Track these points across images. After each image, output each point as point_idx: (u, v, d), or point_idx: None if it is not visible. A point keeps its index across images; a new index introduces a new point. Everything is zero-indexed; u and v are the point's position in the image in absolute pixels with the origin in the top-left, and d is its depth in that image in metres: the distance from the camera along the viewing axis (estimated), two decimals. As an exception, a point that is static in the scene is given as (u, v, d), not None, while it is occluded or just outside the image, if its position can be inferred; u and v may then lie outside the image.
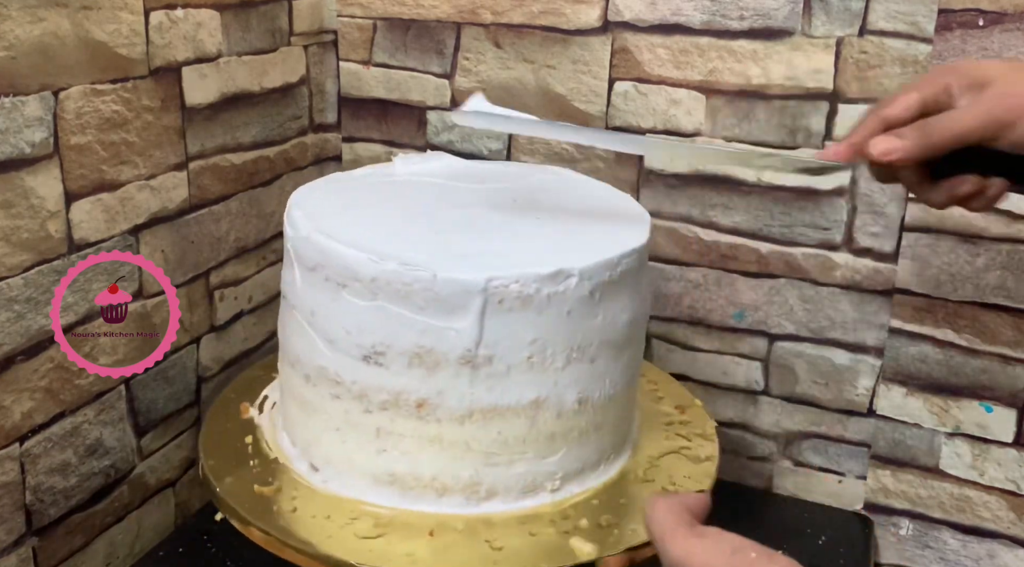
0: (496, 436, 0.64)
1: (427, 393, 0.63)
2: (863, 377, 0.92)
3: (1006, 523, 0.90)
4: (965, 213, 0.84)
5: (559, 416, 0.65)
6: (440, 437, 0.64)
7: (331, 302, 0.64)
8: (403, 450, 0.65)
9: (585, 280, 0.63)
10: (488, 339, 0.61)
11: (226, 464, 0.70)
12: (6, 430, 0.71)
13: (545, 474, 0.67)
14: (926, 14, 0.82)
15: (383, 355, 0.63)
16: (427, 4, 0.98)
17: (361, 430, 0.65)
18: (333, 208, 0.71)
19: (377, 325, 0.62)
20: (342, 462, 0.67)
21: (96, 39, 0.73)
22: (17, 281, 0.69)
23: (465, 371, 0.62)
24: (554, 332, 0.63)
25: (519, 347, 0.62)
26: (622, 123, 0.94)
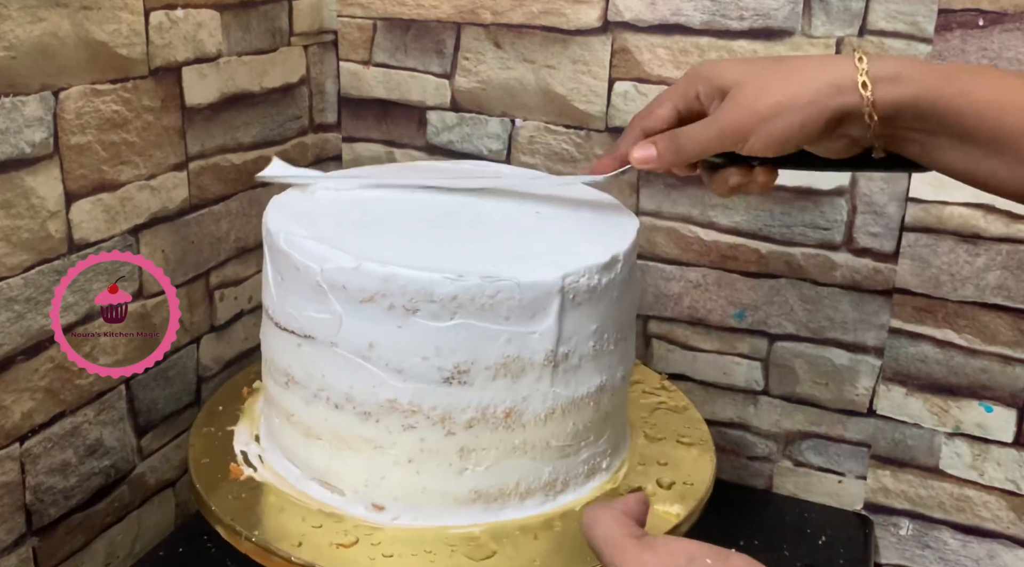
0: (571, 428, 0.66)
1: (513, 401, 0.63)
2: (863, 377, 0.92)
3: (1006, 523, 0.90)
4: (965, 213, 0.84)
5: (613, 395, 0.68)
6: (524, 442, 0.64)
7: (398, 330, 0.61)
8: (488, 464, 0.64)
9: (626, 263, 0.66)
10: (565, 335, 0.63)
11: (275, 534, 0.64)
12: (6, 430, 0.71)
13: (601, 454, 0.69)
14: (926, 14, 0.82)
15: (467, 373, 0.61)
16: (427, 4, 0.98)
17: (441, 455, 0.63)
18: (337, 231, 0.66)
19: (459, 343, 0.61)
20: (416, 493, 0.64)
21: (96, 39, 0.73)
22: (17, 281, 0.70)
23: (547, 372, 0.63)
24: (610, 317, 0.65)
25: (587, 338, 0.64)
26: (622, 123, 0.94)
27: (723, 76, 0.62)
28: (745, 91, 0.60)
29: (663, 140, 0.65)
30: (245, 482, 0.69)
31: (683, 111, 0.65)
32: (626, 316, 0.69)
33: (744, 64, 0.64)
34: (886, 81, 0.56)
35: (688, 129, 0.63)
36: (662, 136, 0.65)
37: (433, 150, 1.02)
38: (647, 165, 0.65)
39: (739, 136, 0.60)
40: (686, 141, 0.63)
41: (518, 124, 0.98)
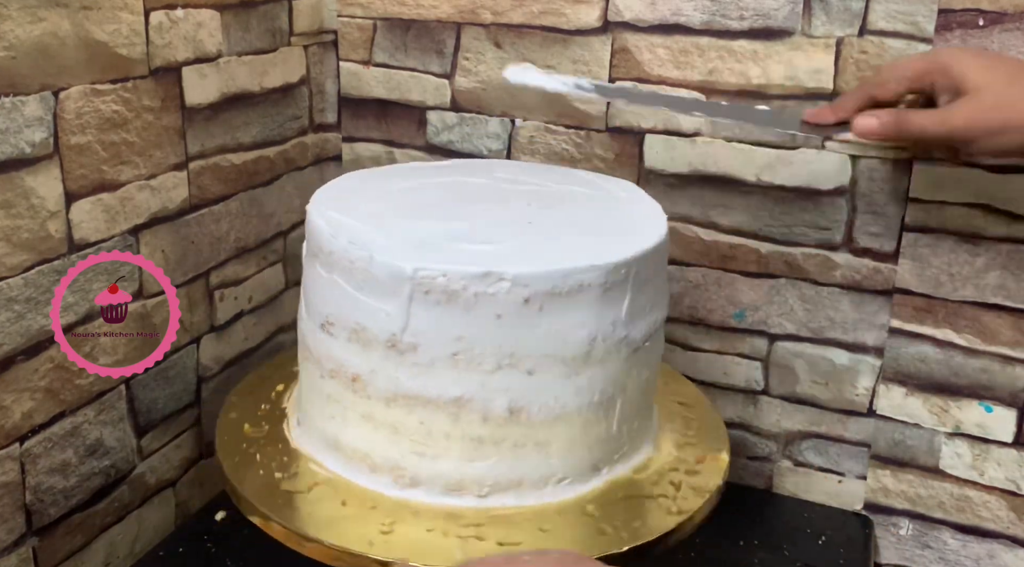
0: (419, 425, 0.65)
1: (360, 369, 0.66)
2: (863, 377, 0.92)
3: (1006, 523, 0.90)
4: (965, 213, 0.84)
5: (485, 420, 0.65)
6: (371, 415, 0.67)
7: (308, 270, 0.70)
8: (344, 420, 0.68)
9: (519, 287, 0.61)
10: (413, 327, 0.63)
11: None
12: (6, 430, 0.71)
13: (472, 478, 0.66)
14: (926, 14, 0.82)
15: (332, 326, 0.67)
16: (427, 4, 0.98)
17: (316, 393, 0.70)
18: (367, 197, 0.74)
19: (328, 296, 0.67)
20: (307, 421, 0.73)
21: (96, 39, 0.73)
22: (17, 281, 0.69)
23: (392, 354, 0.64)
24: (482, 333, 0.63)
25: (444, 341, 0.63)
26: (622, 123, 0.94)
27: (965, 75, 0.64)
28: (983, 100, 0.63)
29: (888, 116, 0.68)
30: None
31: (915, 90, 0.69)
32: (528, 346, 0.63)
33: (988, 67, 0.66)
34: None
35: (915, 116, 0.67)
36: (888, 112, 0.68)
37: (433, 150, 1.02)
38: (867, 135, 0.69)
39: (965, 141, 0.65)
40: (910, 126, 0.66)
41: (518, 124, 0.98)
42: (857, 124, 0.69)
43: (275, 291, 1.01)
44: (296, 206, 1.02)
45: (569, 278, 0.62)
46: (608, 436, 0.69)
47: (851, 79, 0.85)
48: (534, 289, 0.62)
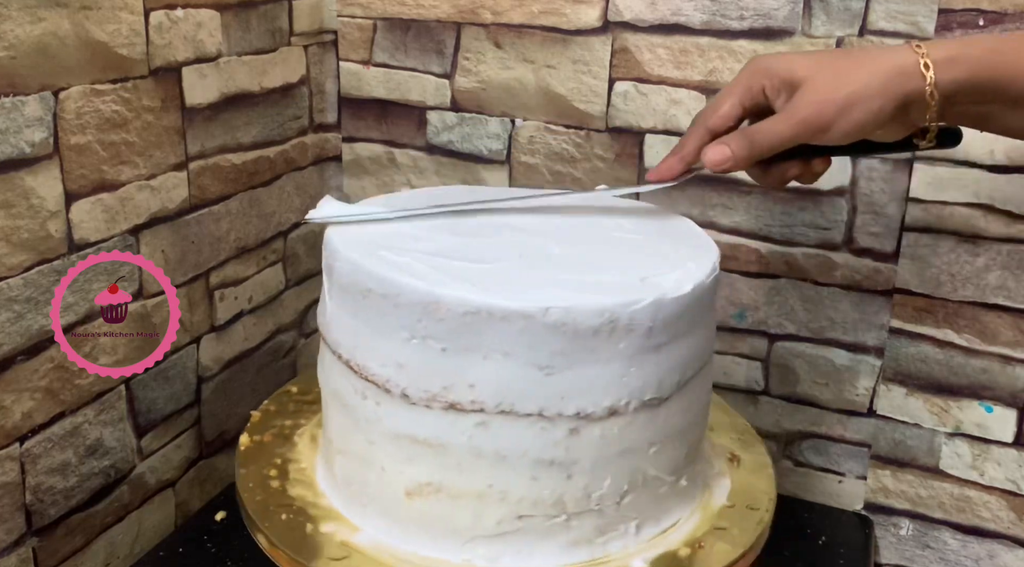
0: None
1: None
2: (863, 377, 0.92)
3: (1006, 523, 0.90)
4: (965, 213, 0.84)
5: None
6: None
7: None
8: None
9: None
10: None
11: None
12: (6, 430, 0.71)
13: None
14: (926, 14, 0.82)
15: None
16: (427, 4, 0.98)
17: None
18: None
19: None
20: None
21: (96, 39, 0.73)
22: (17, 281, 0.69)
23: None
24: None
25: None
26: (622, 123, 0.94)
27: (791, 70, 0.62)
28: (821, 83, 0.61)
29: (736, 139, 0.64)
30: None
31: (748, 107, 0.65)
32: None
33: (809, 57, 0.64)
34: (945, 63, 0.60)
35: (763, 125, 0.63)
36: (733, 135, 0.64)
37: (433, 150, 1.02)
38: (722, 166, 0.64)
39: (820, 128, 0.61)
40: (761, 137, 0.63)
41: (518, 124, 0.98)
42: (709, 160, 0.64)
43: (275, 291, 1.01)
44: (296, 206, 1.02)
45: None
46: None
47: (851, 79, 0.85)
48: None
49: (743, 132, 0.64)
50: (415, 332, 0.59)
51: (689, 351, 0.64)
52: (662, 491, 0.66)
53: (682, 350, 0.63)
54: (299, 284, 1.05)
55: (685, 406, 0.65)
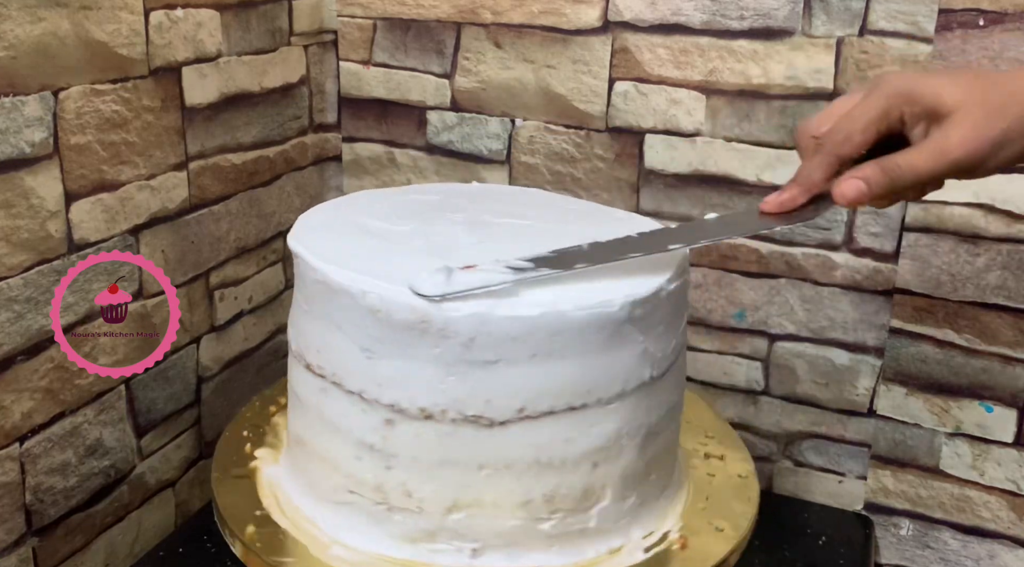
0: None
1: None
2: (863, 377, 0.92)
3: (1006, 523, 0.90)
4: (965, 213, 0.84)
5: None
6: None
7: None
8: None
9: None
10: None
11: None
12: (6, 430, 0.71)
13: None
14: (926, 14, 0.82)
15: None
16: (427, 4, 0.98)
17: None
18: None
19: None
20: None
21: (96, 39, 0.73)
22: (17, 281, 0.69)
23: None
24: None
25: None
26: (622, 123, 0.94)
27: (938, 98, 0.56)
28: (973, 118, 0.56)
29: (873, 172, 0.58)
30: None
31: (883, 132, 0.59)
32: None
33: (955, 84, 0.57)
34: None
35: (904, 160, 0.57)
36: (870, 167, 0.58)
37: (433, 150, 1.02)
38: (857, 201, 0.58)
39: (971, 168, 0.56)
40: (902, 173, 0.57)
41: (518, 124, 0.98)
42: (841, 193, 0.58)
43: (275, 291, 1.01)
44: (296, 206, 1.02)
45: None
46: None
47: (851, 79, 0.85)
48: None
49: (882, 166, 0.57)
50: (300, 291, 0.65)
51: (537, 382, 0.59)
52: (510, 525, 0.62)
53: (527, 377, 0.58)
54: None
55: (534, 442, 0.60)
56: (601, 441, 0.62)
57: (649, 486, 0.67)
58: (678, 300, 0.64)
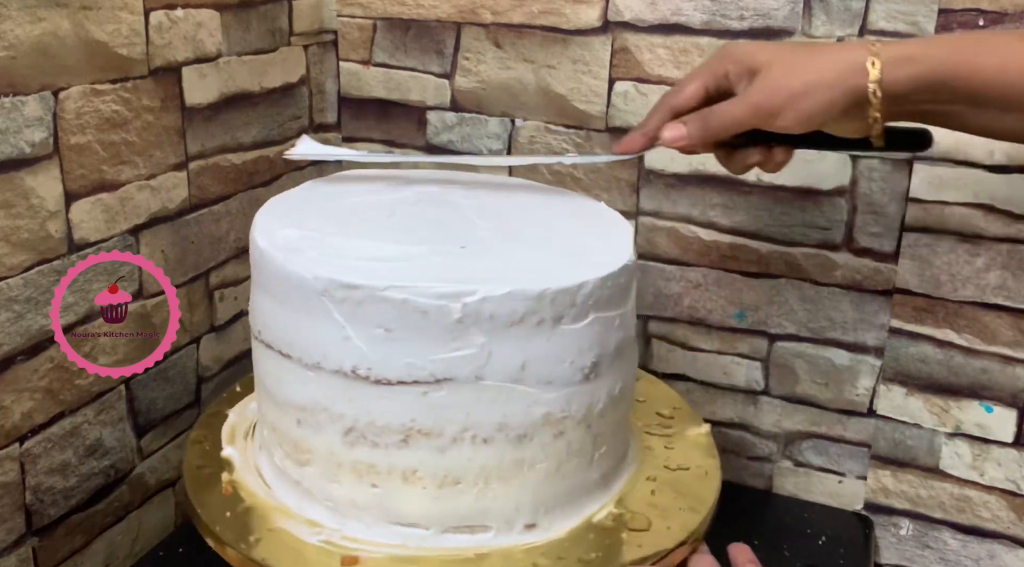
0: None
1: (625, 380, 0.70)
2: (863, 377, 0.92)
3: (1006, 523, 0.90)
4: (965, 213, 0.84)
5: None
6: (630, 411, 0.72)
7: (547, 343, 0.61)
8: (608, 443, 0.69)
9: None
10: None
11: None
12: (6, 430, 0.71)
13: None
14: (926, 14, 0.82)
15: (599, 365, 0.65)
16: (427, 4, 0.98)
17: (582, 452, 0.67)
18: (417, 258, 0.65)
19: (594, 339, 0.64)
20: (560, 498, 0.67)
21: (96, 39, 0.73)
22: (17, 281, 0.69)
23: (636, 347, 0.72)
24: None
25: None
26: (622, 123, 0.94)
27: (754, 56, 0.65)
28: (777, 70, 0.64)
29: (693, 119, 0.67)
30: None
31: (712, 90, 0.68)
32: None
33: (772, 47, 0.69)
34: (898, 62, 0.61)
35: (718, 107, 0.66)
36: (692, 115, 0.68)
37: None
38: (677, 144, 0.68)
39: (771, 113, 0.64)
40: (716, 119, 0.66)
41: (518, 124, 0.98)
42: (665, 137, 0.68)
43: (275, 291, 1.01)
44: (296, 206, 1.02)
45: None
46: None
47: (851, 79, 0.85)
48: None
49: (700, 114, 0.67)
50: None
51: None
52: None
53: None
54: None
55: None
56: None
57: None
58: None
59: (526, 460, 0.63)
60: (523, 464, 0.63)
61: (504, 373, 0.61)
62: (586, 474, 0.67)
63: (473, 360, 0.60)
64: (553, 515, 0.66)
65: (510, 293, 0.59)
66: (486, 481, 0.63)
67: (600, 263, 0.64)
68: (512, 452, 0.63)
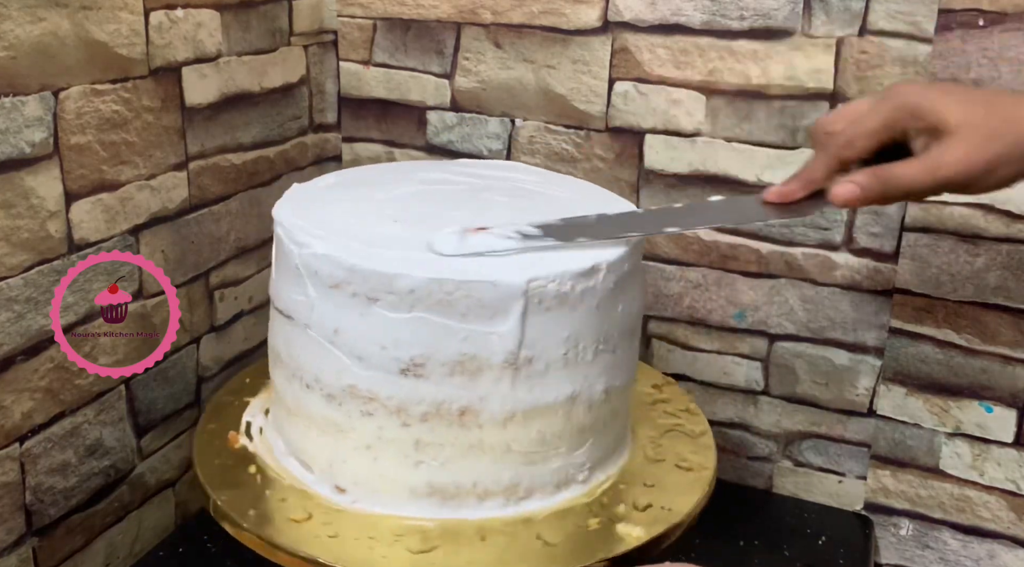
0: (536, 435, 0.65)
1: (469, 400, 0.63)
2: (863, 377, 0.92)
3: (1006, 523, 0.90)
4: (965, 213, 0.84)
5: (590, 408, 0.67)
6: (481, 442, 0.64)
7: (360, 318, 0.62)
8: (443, 460, 0.64)
9: (611, 273, 0.64)
10: (529, 340, 0.62)
11: (241, 500, 0.67)
12: (6, 430, 0.71)
13: (576, 466, 0.68)
14: (926, 14, 0.82)
15: (423, 366, 0.62)
16: (427, 4, 0.98)
17: (397, 445, 0.64)
18: (333, 217, 0.69)
19: (416, 337, 0.61)
20: (374, 480, 0.66)
21: (96, 39, 0.73)
22: (17, 281, 0.69)
23: (507, 374, 0.62)
24: (586, 326, 0.64)
25: (556, 345, 0.63)
26: (622, 123, 0.94)
27: (940, 115, 0.58)
28: (971, 139, 0.58)
29: (868, 179, 0.61)
30: (238, 450, 0.73)
31: (886, 142, 0.61)
32: (612, 327, 0.66)
33: (959, 104, 0.59)
34: None
35: (900, 170, 0.60)
36: (866, 173, 0.61)
37: (433, 150, 1.02)
38: (849, 205, 0.62)
39: (963, 186, 0.59)
40: (897, 183, 0.60)
41: (518, 124, 0.98)
42: (836, 195, 0.61)
43: (275, 291, 1.01)
44: (296, 206, 1.02)
45: (633, 255, 0.67)
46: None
47: (851, 79, 0.85)
48: (618, 272, 0.65)
49: (876, 174, 0.60)
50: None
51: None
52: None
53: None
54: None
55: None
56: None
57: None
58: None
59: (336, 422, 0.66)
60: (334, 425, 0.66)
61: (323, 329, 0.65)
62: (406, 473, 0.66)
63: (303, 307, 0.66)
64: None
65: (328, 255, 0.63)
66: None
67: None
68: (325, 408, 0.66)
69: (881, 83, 0.84)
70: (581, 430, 0.67)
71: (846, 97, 0.86)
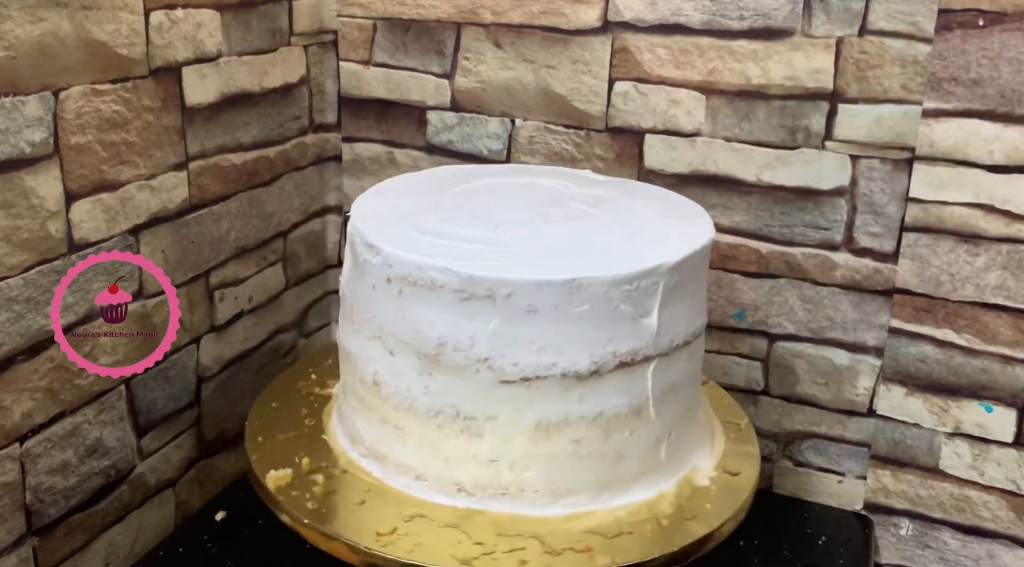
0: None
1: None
2: (863, 377, 0.92)
3: (1006, 523, 0.90)
4: (965, 213, 0.84)
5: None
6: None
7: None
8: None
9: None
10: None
11: None
12: (6, 430, 0.71)
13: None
14: (926, 14, 0.82)
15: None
16: (427, 4, 0.98)
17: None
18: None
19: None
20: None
21: (96, 39, 0.73)
22: (17, 281, 0.69)
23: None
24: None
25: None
26: (622, 123, 0.94)
27: None
28: None
29: None
30: None
31: None
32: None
33: None
34: None
35: None
36: None
37: (433, 150, 1.02)
38: None
39: None
40: None
41: (518, 124, 0.98)
42: None
43: (275, 291, 1.01)
44: (296, 206, 1.02)
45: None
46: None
47: (851, 79, 0.85)
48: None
49: None
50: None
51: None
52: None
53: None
54: (299, 284, 1.05)
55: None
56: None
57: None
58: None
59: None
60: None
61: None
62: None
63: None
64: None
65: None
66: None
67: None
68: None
69: (881, 83, 0.84)
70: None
71: (846, 97, 0.86)
